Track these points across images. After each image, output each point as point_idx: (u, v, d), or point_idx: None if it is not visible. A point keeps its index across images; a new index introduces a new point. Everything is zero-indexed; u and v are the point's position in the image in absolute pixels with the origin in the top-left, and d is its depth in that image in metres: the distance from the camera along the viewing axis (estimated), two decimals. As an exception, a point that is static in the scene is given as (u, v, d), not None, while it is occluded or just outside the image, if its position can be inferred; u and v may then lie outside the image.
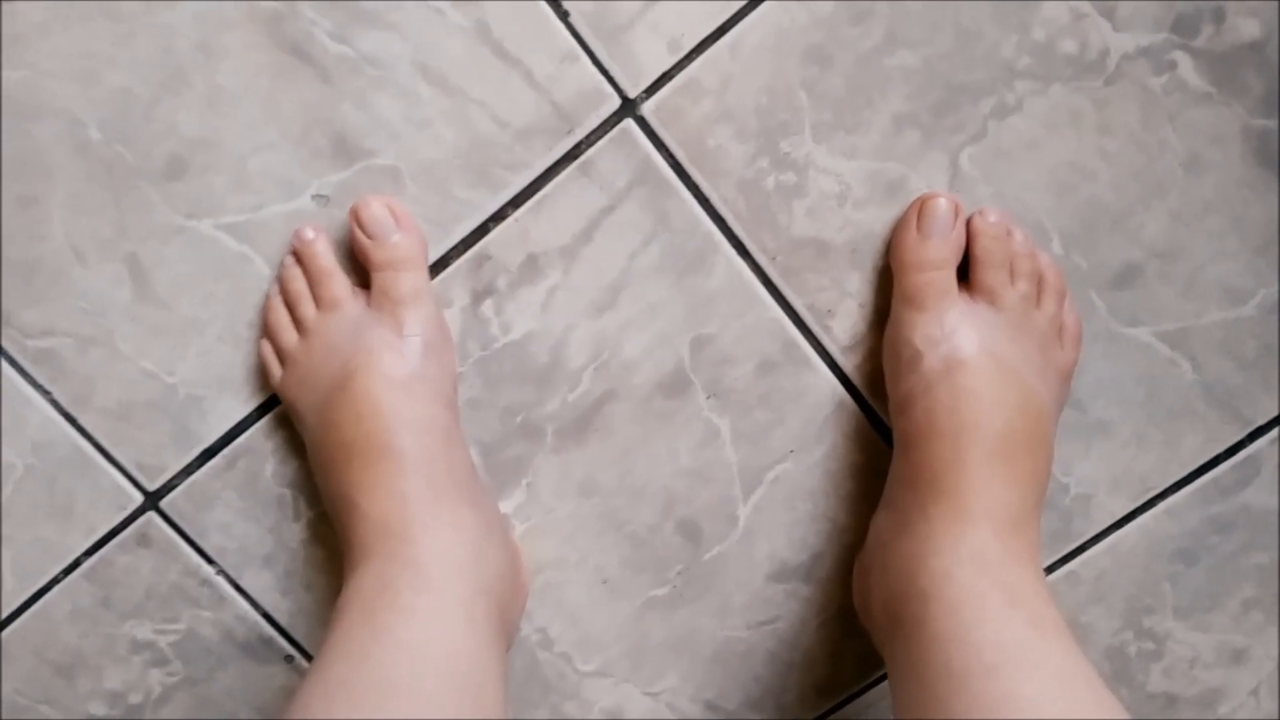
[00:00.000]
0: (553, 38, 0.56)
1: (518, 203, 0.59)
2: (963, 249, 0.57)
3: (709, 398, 0.62)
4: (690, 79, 0.56)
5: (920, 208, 0.57)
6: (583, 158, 0.58)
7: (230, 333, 0.61)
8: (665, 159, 0.58)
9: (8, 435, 0.63)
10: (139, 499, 0.64)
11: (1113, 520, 0.65)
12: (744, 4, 0.55)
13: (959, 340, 0.55)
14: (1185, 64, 0.56)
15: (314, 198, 0.59)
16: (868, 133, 0.57)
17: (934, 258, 0.56)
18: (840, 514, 0.65)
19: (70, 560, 0.66)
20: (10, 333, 0.61)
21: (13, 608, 0.67)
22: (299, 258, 0.59)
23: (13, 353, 0.61)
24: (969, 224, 0.57)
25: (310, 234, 0.58)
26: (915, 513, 0.55)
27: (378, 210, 0.57)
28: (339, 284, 0.58)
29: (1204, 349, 0.61)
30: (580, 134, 0.57)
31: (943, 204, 0.56)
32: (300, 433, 0.60)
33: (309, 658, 0.68)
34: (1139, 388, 0.62)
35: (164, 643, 0.68)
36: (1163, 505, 0.65)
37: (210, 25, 0.55)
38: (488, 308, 0.61)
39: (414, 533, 0.54)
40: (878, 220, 0.59)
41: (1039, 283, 0.58)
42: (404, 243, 0.57)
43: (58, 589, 0.66)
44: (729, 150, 0.58)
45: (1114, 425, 0.63)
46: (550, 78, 0.56)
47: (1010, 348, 0.56)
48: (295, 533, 0.65)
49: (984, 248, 0.56)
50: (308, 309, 0.58)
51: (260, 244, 0.59)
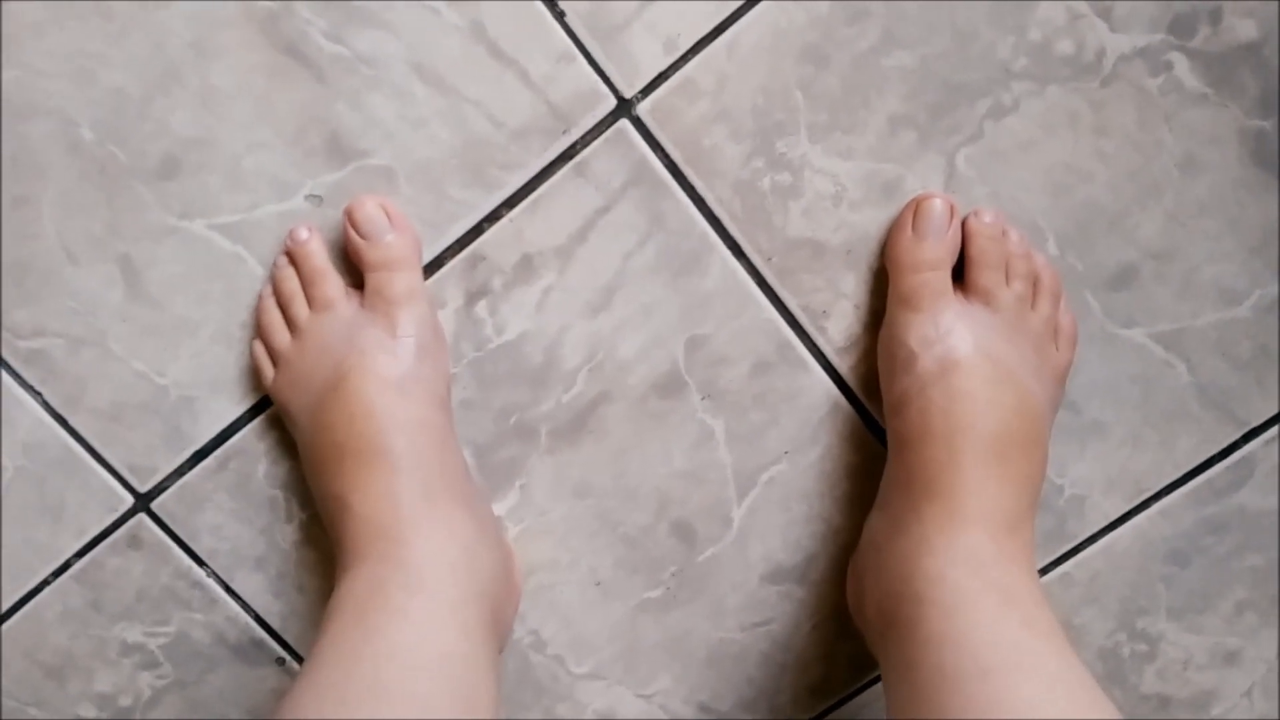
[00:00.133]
0: (548, 37, 0.55)
1: (512, 203, 0.59)
2: (958, 250, 0.57)
3: (704, 399, 0.62)
4: (686, 79, 0.56)
5: (916, 208, 0.57)
6: (578, 158, 0.58)
7: (223, 333, 0.61)
8: (661, 159, 0.58)
9: (-2, 436, 0.63)
10: (130, 500, 0.64)
11: (1107, 521, 0.65)
12: (740, 4, 0.55)
13: (954, 341, 0.55)
14: (1182, 65, 0.56)
15: (308, 198, 0.58)
16: (864, 133, 0.57)
17: (929, 258, 0.56)
18: (835, 515, 0.65)
19: (60, 562, 0.65)
20: (1, 333, 0.60)
21: (3, 609, 0.66)
22: (292, 258, 0.58)
23: (3, 353, 0.61)
24: (964, 225, 0.57)
25: (304, 234, 0.58)
26: (909, 514, 0.55)
27: (372, 210, 0.56)
28: (332, 284, 0.58)
29: (1199, 350, 0.61)
30: (575, 134, 0.57)
31: (938, 204, 0.56)
32: (292, 434, 0.60)
33: (300, 660, 0.68)
34: (1134, 389, 0.62)
35: (154, 645, 0.67)
36: (1157, 506, 0.65)
37: (204, 24, 0.55)
38: (482, 308, 0.60)
39: (406, 534, 0.53)
40: (873, 221, 0.59)
41: (1034, 283, 0.58)
42: (398, 243, 0.57)
43: (48, 591, 0.66)
44: (724, 150, 0.58)
45: (1109, 426, 0.63)
46: (546, 78, 0.56)
47: (1005, 348, 0.56)
48: (287, 534, 0.65)
49: (979, 248, 0.56)
50: (301, 309, 0.58)
51: (253, 244, 0.59)
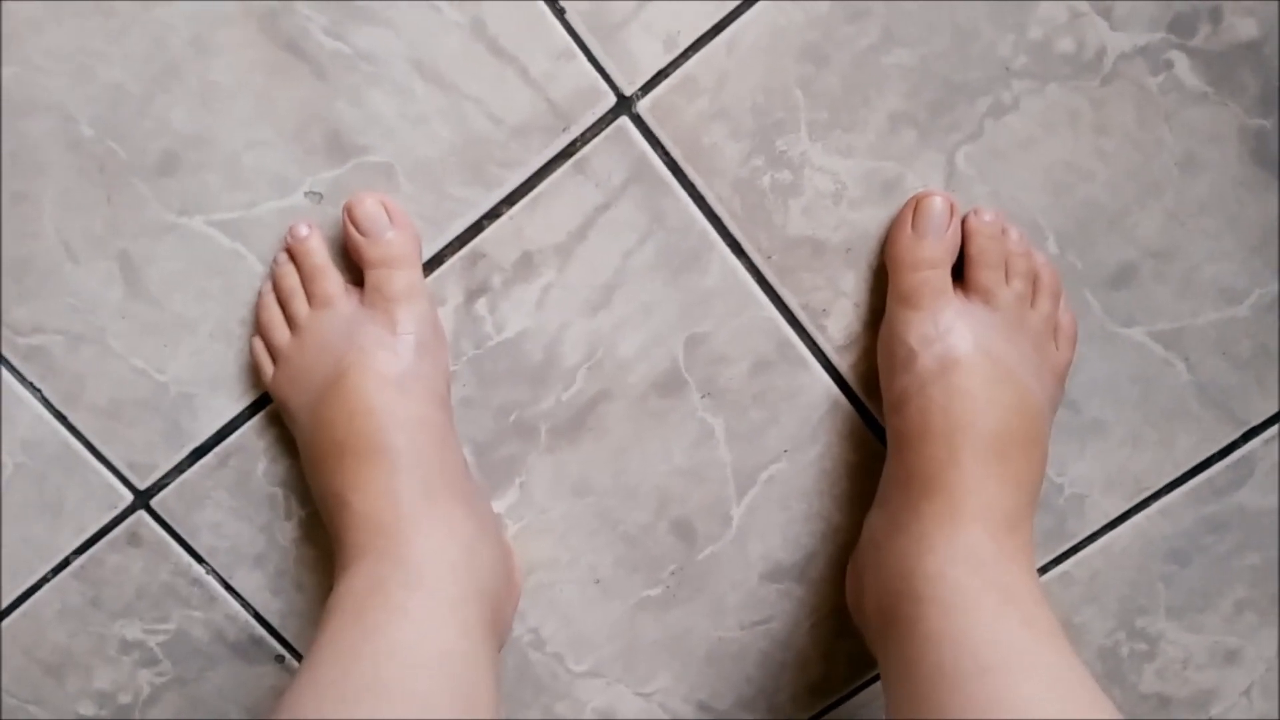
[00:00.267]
0: (549, 35, 0.55)
1: (512, 200, 0.59)
2: (958, 248, 0.57)
3: (703, 397, 0.62)
4: (686, 77, 0.56)
5: (915, 206, 0.57)
6: (578, 155, 0.58)
7: (222, 330, 0.61)
8: (661, 157, 0.58)
9: (-3, 433, 0.63)
10: (129, 498, 0.64)
11: (1107, 520, 0.65)
12: (740, 2, 0.55)
13: (953, 339, 0.55)
14: (1182, 63, 0.56)
15: (307, 194, 0.58)
16: (864, 131, 0.57)
17: (929, 256, 0.56)
18: (834, 514, 0.65)
19: (60, 559, 0.65)
20: (0, 330, 0.60)
21: (2, 607, 0.66)
22: (292, 255, 0.58)
23: (3, 350, 0.61)
24: (964, 223, 0.57)
25: (304, 231, 0.58)
26: (909, 512, 0.55)
27: (371, 207, 0.56)
28: (332, 281, 0.58)
29: (1199, 349, 0.61)
30: (575, 131, 0.57)
31: (938, 203, 0.56)
32: (292, 431, 0.60)
33: (300, 658, 0.68)
34: (1134, 388, 0.62)
35: (154, 642, 0.67)
36: (1157, 505, 0.65)
37: (204, 21, 0.55)
38: (482, 306, 0.60)
39: (406, 532, 0.53)
40: (873, 219, 0.59)
41: (1034, 282, 0.58)
42: (398, 240, 0.57)
43: (47, 588, 0.66)
44: (724, 148, 0.57)
45: (1108, 425, 0.63)
46: (546, 75, 0.56)
47: (1005, 347, 0.56)
48: (287, 532, 0.65)
49: (979, 247, 0.56)
50: (300, 306, 0.58)
51: (253, 241, 0.59)
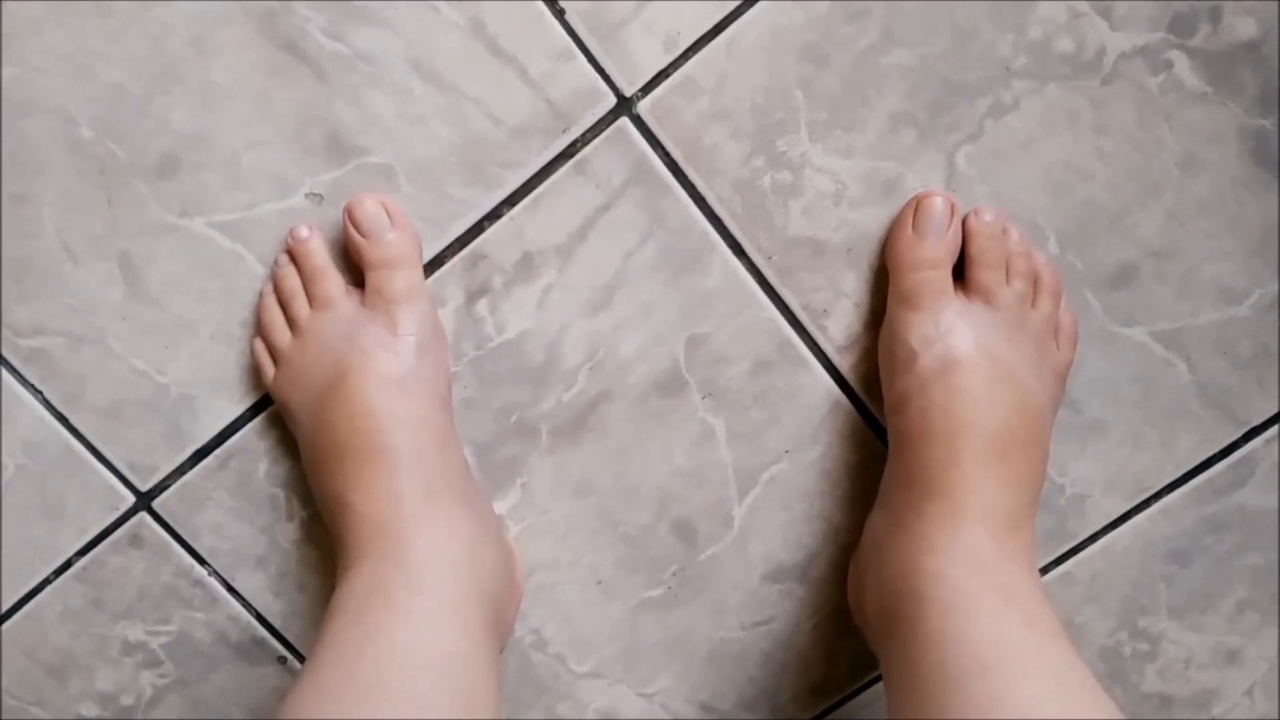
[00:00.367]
0: (548, 35, 0.55)
1: (513, 201, 0.59)
2: (958, 248, 0.57)
3: (704, 397, 0.62)
4: (686, 77, 0.56)
5: (916, 207, 0.57)
6: (578, 156, 0.58)
7: (223, 332, 0.61)
8: (661, 158, 0.58)
9: (-2, 435, 0.63)
10: (131, 499, 0.64)
11: (1108, 520, 0.65)
12: (740, 2, 0.55)
13: (954, 340, 0.55)
14: (1182, 63, 0.56)
15: (308, 196, 0.58)
16: (864, 132, 0.57)
17: (929, 257, 0.56)
18: (835, 514, 0.65)
19: (61, 561, 0.65)
20: (1, 331, 0.60)
21: (4, 609, 0.67)
22: (292, 256, 0.58)
23: (3, 351, 0.61)
24: (965, 223, 0.57)
25: (304, 232, 0.58)
26: (910, 512, 0.55)
27: (372, 208, 0.56)
28: (333, 282, 0.58)
29: (1199, 349, 0.61)
30: (576, 132, 0.57)
31: (938, 203, 0.56)
32: (293, 432, 0.60)
33: (302, 659, 0.68)
34: (1134, 388, 0.62)
35: (156, 644, 0.67)
36: (1158, 505, 0.65)
37: (204, 22, 0.55)
38: (482, 307, 0.60)
39: (407, 533, 0.53)
40: (873, 219, 0.59)
41: (1035, 282, 0.58)
42: (398, 241, 0.57)
43: (49, 590, 0.66)
44: (725, 149, 0.57)
45: (1109, 425, 0.63)
46: (546, 75, 0.56)
47: (1006, 347, 0.56)
48: (288, 533, 0.65)
49: (980, 247, 0.56)
50: (301, 308, 0.58)
51: (253, 242, 0.59)
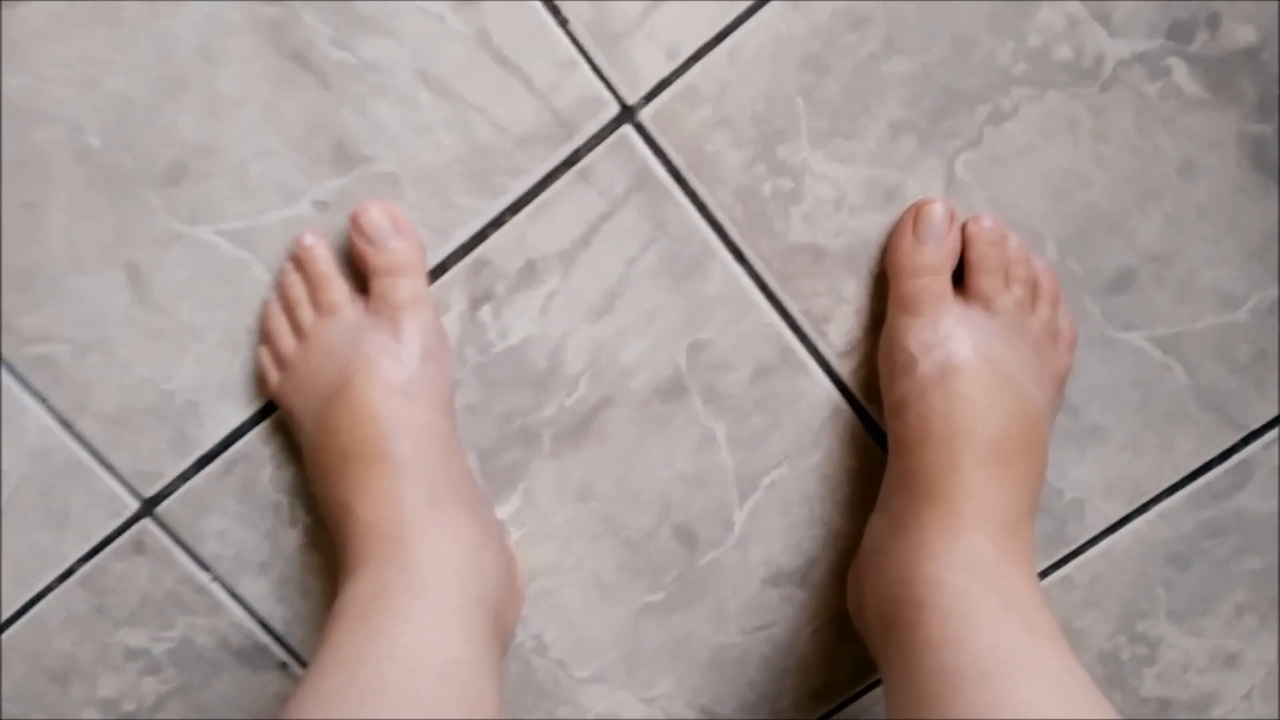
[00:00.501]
0: (552, 45, 0.56)
1: (516, 209, 0.59)
2: (958, 254, 0.57)
3: (705, 403, 0.63)
4: (688, 86, 0.57)
5: (916, 213, 0.57)
6: (581, 164, 0.58)
7: (229, 339, 0.61)
8: (663, 165, 0.58)
9: (3, 441, 0.63)
10: (135, 505, 0.64)
11: (1107, 525, 0.66)
12: (742, 11, 0.55)
13: (954, 345, 0.56)
14: (1180, 70, 0.56)
15: (313, 204, 0.59)
16: (864, 139, 0.58)
17: (929, 263, 0.56)
18: (835, 519, 0.65)
19: (65, 567, 0.65)
20: (7, 339, 0.61)
21: (7, 614, 0.66)
22: (298, 263, 0.59)
23: (9, 359, 0.61)
24: (964, 229, 0.57)
25: (310, 240, 0.58)
26: (909, 517, 0.55)
27: (377, 216, 0.57)
28: (338, 289, 0.58)
29: (1198, 354, 0.62)
30: (579, 140, 0.58)
31: (938, 209, 0.56)
32: (297, 438, 0.60)
33: (304, 665, 0.68)
34: (1133, 392, 0.63)
35: (159, 650, 0.67)
36: (1156, 510, 0.65)
37: (211, 31, 0.55)
38: (486, 313, 0.61)
39: (410, 538, 0.53)
40: (874, 226, 0.59)
41: (1034, 288, 0.58)
42: (403, 248, 0.57)
43: (52, 596, 0.66)
44: (726, 157, 0.58)
45: (1108, 430, 0.63)
46: (549, 84, 0.57)
47: (1005, 352, 0.56)
48: (292, 539, 0.65)
49: (979, 253, 0.57)
50: (306, 314, 0.58)
51: (259, 250, 0.59)
